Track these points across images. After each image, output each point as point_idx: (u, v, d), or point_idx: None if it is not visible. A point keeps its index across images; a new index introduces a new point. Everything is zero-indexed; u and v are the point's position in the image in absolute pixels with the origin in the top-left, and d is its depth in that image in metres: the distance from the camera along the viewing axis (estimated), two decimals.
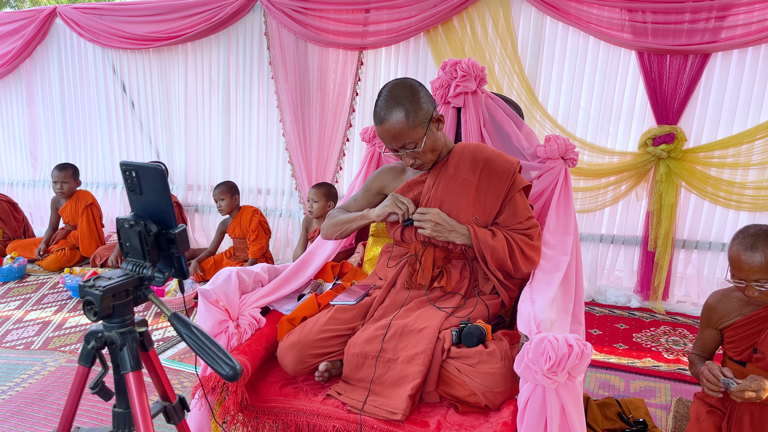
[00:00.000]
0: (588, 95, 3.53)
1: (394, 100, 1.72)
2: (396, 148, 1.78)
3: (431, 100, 1.81)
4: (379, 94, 1.77)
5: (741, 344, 1.77)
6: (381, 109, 1.74)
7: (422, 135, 1.76)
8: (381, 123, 1.75)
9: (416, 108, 1.73)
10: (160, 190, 1.05)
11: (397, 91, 1.74)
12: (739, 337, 1.77)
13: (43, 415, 2.30)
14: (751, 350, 1.75)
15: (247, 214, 4.05)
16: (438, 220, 1.77)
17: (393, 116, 1.71)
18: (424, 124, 1.76)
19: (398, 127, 1.72)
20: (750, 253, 1.61)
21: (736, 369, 1.78)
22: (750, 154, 3.19)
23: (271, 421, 1.64)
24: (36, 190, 5.41)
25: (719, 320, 1.83)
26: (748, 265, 1.62)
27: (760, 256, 1.59)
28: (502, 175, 1.84)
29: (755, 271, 1.61)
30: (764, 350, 1.70)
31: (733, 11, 3.06)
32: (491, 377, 1.52)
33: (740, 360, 1.78)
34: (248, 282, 1.90)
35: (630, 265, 3.68)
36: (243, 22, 4.25)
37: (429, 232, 1.77)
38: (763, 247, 1.60)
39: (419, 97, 1.75)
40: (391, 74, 3.96)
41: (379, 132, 1.77)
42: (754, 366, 1.73)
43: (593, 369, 2.68)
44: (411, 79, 1.80)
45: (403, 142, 1.76)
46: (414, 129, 1.74)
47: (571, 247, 1.94)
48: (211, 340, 1.06)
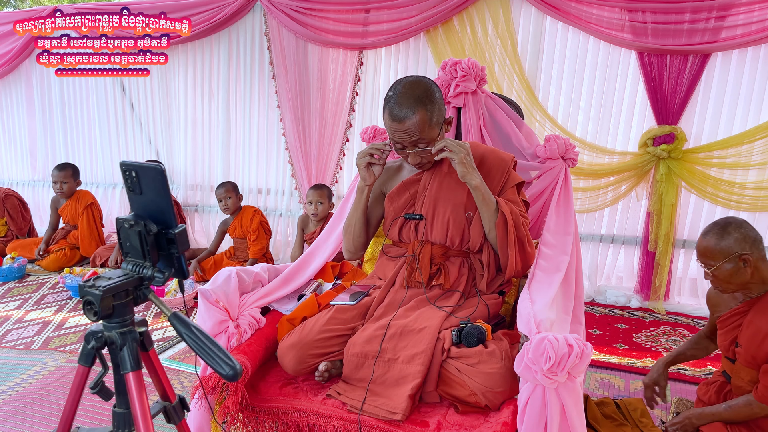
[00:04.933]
0: (588, 95, 3.53)
1: (414, 98, 1.70)
2: (407, 146, 1.77)
3: (443, 101, 1.81)
4: (393, 90, 1.75)
5: (726, 338, 1.82)
6: (399, 106, 1.71)
7: (437, 135, 1.76)
8: (400, 120, 1.71)
9: (436, 108, 1.73)
10: (160, 190, 1.05)
11: (416, 89, 1.72)
12: (725, 331, 1.83)
13: (43, 415, 2.30)
14: (734, 345, 1.78)
15: (248, 214, 4.05)
16: (468, 159, 1.71)
17: (414, 115, 1.69)
18: (440, 124, 1.76)
19: (417, 127, 1.71)
20: (701, 237, 1.77)
21: (728, 366, 1.84)
22: (750, 154, 3.19)
23: (271, 421, 1.64)
24: (36, 190, 5.41)
25: (714, 310, 1.94)
26: (697, 248, 1.79)
27: (706, 241, 1.74)
28: (496, 171, 1.85)
29: (701, 254, 1.76)
30: (742, 343, 1.74)
31: (733, 11, 3.06)
32: (491, 377, 1.52)
33: (729, 357, 1.83)
34: (248, 282, 1.90)
35: (630, 265, 3.68)
36: (243, 22, 4.26)
37: (459, 158, 1.69)
38: (713, 235, 1.73)
39: (437, 98, 1.75)
40: (391, 74, 3.97)
41: (394, 128, 1.74)
42: (739, 362, 1.77)
43: (593, 369, 2.68)
44: (426, 78, 1.79)
45: (417, 140, 1.75)
46: (431, 129, 1.73)
47: (571, 247, 1.94)
48: (211, 340, 1.06)
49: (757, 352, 1.68)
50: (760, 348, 1.67)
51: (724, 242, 1.70)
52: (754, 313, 1.72)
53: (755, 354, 1.68)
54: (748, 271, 1.69)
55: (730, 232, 1.70)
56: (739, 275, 1.70)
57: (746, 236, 1.70)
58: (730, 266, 1.70)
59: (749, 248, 1.69)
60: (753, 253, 1.69)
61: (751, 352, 1.70)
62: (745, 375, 1.76)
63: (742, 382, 1.76)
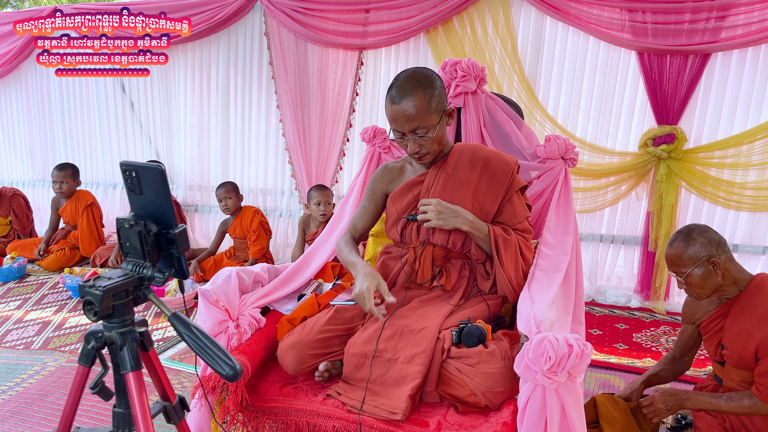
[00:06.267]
0: (588, 95, 3.53)
1: (415, 82, 1.71)
2: (406, 132, 1.76)
3: (446, 92, 1.81)
4: (396, 78, 1.76)
5: (711, 343, 1.84)
6: (399, 90, 1.71)
7: (436, 123, 1.76)
8: (398, 102, 1.71)
9: (435, 94, 1.73)
10: (160, 190, 1.05)
11: (417, 75, 1.73)
12: (708, 336, 1.85)
13: (43, 415, 2.30)
14: (720, 347, 1.80)
15: (248, 214, 4.05)
16: (440, 208, 1.75)
17: (412, 97, 1.70)
18: (440, 112, 1.76)
19: (416, 109, 1.70)
20: (668, 247, 1.82)
21: (719, 369, 1.86)
22: (750, 154, 3.19)
23: (271, 421, 1.64)
24: (36, 190, 5.41)
25: (694, 317, 1.94)
26: (666, 258, 1.82)
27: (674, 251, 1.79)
28: (500, 175, 1.84)
29: (671, 264, 1.80)
30: (728, 345, 1.76)
31: (733, 11, 3.06)
32: (491, 377, 1.52)
33: (718, 360, 1.85)
34: (248, 282, 1.90)
35: (630, 265, 3.68)
36: (243, 22, 4.26)
37: (435, 221, 1.75)
38: (679, 243, 1.77)
39: (438, 86, 1.76)
40: (391, 74, 3.96)
41: (393, 112, 1.73)
42: (728, 364, 1.78)
43: (593, 369, 2.68)
44: (429, 69, 1.80)
45: (416, 125, 1.73)
46: (430, 114, 1.73)
47: (571, 247, 1.94)
48: (211, 340, 1.06)
49: (742, 352, 1.70)
50: (745, 348, 1.69)
51: (691, 248, 1.74)
52: (733, 314, 1.75)
53: (741, 354, 1.71)
54: (719, 274, 1.73)
55: (694, 238, 1.75)
56: (711, 279, 1.74)
57: (711, 240, 1.75)
58: (700, 271, 1.73)
59: (715, 251, 1.73)
60: (720, 255, 1.73)
61: (737, 353, 1.72)
62: (736, 376, 1.77)
63: (733, 383, 1.78)
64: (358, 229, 2.03)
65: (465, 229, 1.76)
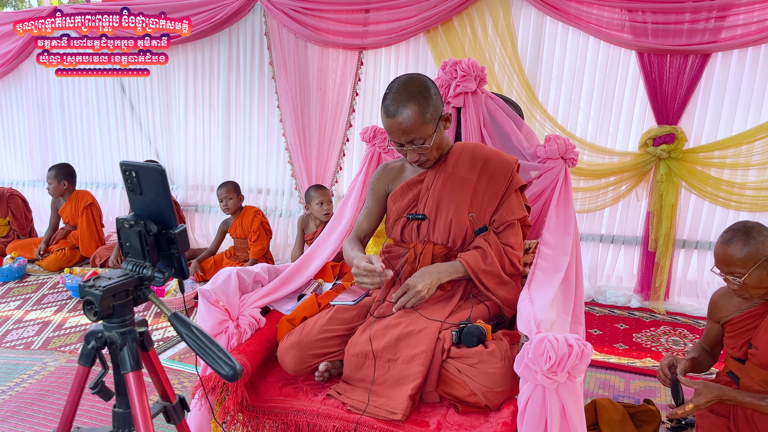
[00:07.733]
0: (588, 95, 3.53)
1: (407, 93, 1.71)
2: (404, 143, 1.77)
3: (441, 98, 1.81)
4: (390, 88, 1.76)
5: (738, 340, 1.79)
6: (393, 102, 1.72)
7: (432, 132, 1.76)
8: (393, 116, 1.72)
9: (429, 104, 1.73)
10: (160, 190, 1.05)
11: (410, 85, 1.73)
12: (736, 333, 1.80)
13: (43, 415, 2.30)
14: (747, 346, 1.77)
15: (249, 214, 4.05)
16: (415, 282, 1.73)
17: (406, 110, 1.70)
18: (435, 120, 1.76)
19: (411, 122, 1.71)
20: (724, 246, 1.68)
21: (736, 367, 1.81)
22: (750, 154, 3.19)
23: (271, 421, 1.64)
24: (35, 190, 5.41)
25: (720, 315, 1.88)
26: (721, 258, 1.69)
27: (732, 250, 1.65)
28: (500, 174, 1.84)
29: (728, 264, 1.67)
30: (758, 345, 1.72)
31: (733, 11, 3.06)
32: (491, 377, 1.52)
33: (739, 357, 1.80)
34: (248, 282, 1.90)
35: (630, 265, 3.68)
36: (243, 22, 4.25)
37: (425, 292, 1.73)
38: (737, 242, 1.66)
39: (432, 94, 1.75)
40: (391, 74, 3.96)
41: (388, 125, 1.74)
42: (751, 363, 1.75)
43: (593, 369, 2.68)
44: (422, 75, 1.79)
45: (412, 137, 1.74)
46: (426, 125, 1.73)
47: (571, 247, 1.94)
48: (211, 340, 1.06)
49: None
50: None
51: (751, 248, 1.63)
52: None
53: None
54: None
55: (754, 236, 1.64)
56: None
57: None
58: (759, 272, 1.64)
59: None
60: None
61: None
62: (756, 375, 1.73)
63: (752, 383, 1.74)
64: (364, 229, 2.04)
65: (446, 279, 1.78)
